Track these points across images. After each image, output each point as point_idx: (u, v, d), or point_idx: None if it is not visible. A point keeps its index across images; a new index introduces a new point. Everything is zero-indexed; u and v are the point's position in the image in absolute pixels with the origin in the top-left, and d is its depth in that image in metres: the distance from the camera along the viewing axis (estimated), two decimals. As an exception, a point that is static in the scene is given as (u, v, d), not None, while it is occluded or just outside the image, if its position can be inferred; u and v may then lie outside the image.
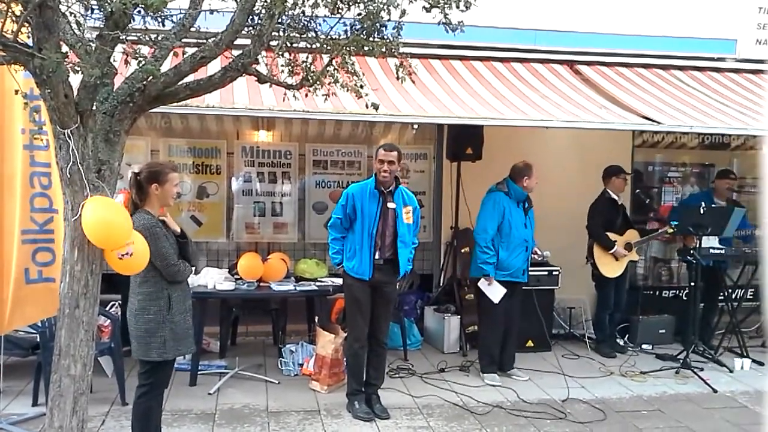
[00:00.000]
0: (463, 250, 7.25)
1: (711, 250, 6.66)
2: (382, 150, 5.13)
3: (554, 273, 6.96)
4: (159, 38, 3.37)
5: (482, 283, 6.00)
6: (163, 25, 3.48)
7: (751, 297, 7.76)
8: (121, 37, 3.05)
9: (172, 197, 3.96)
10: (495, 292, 5.95)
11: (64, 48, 3.02)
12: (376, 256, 5.14)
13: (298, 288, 6.15)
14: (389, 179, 5.14)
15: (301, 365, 6.09)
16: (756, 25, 7.60)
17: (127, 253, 3.22)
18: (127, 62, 3.49)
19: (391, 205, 5.16)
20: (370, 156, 7.66)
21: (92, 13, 3.15)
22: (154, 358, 3.86)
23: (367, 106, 3.91)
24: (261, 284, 6.09)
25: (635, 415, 5.35)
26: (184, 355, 4.52)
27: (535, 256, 6.39)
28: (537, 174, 6.08)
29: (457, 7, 3.48)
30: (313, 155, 7.82)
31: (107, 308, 6.08)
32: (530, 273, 6.39)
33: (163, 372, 4.01)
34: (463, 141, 7.05)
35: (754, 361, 6.68)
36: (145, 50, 3.50)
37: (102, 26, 3.05)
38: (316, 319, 6.20)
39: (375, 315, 5.21)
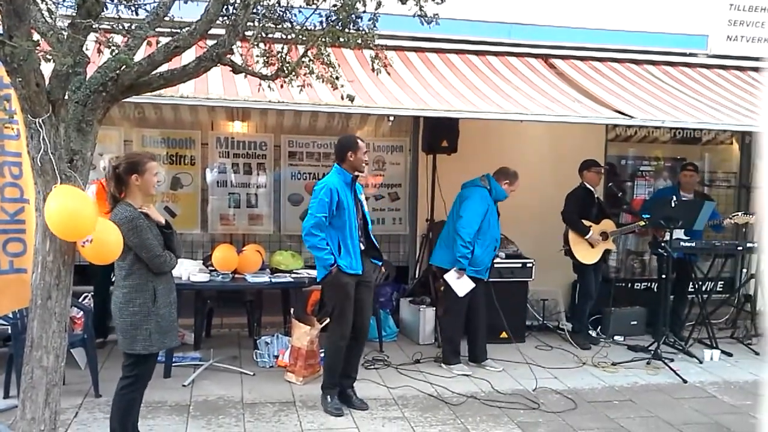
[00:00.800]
0: (438, 243, 7.28)
1: (681, 243, 6.77)
2: (361, 141, 5.10)
3: (528, 265, 7.01)
4: (132, 27, 3.35)
5: (451, 276, 6.01)
6: (137, 14, 3.47)
7: (720, 289, 7.92)
8: (93, 26, 3.03)
9: (153, 186, 3.93)
10: (463, 286, 5.98)
11: (36, 36, 2.98)
12: (361, 248, 5.12)
13: (273, 280, 6.15)
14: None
15: (277, 357, 6.09)
16: (727, 21, 7.70)
17: (87, 240, 3.18)
18: (100, 51, 3.45)
19: (360, 195, 5.20)
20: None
21: (64, 0, 3.11)
22: (139, 350, 3.81)
23: (342, 98, 3.92)
24: (236, 276, 6.08)
25: (607, 405, 5.43)
26: (170, 348, 4.48)
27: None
28: (518, 186, 6.18)
29: (433, -1, 3.50)
30: (288, 146, 7.79)
31: (80, 300, 6.04)
32: (505, 266, 6.54)
33: (148, 365, 3.97)
34: (439, 133, 7.08)
35: (723, 352, 6.79)
36: (118, 39, 3.48)
37: (74, 14, 3.01)
38: (292, 311, 6.19)
39: (358, 307, 5.15)
